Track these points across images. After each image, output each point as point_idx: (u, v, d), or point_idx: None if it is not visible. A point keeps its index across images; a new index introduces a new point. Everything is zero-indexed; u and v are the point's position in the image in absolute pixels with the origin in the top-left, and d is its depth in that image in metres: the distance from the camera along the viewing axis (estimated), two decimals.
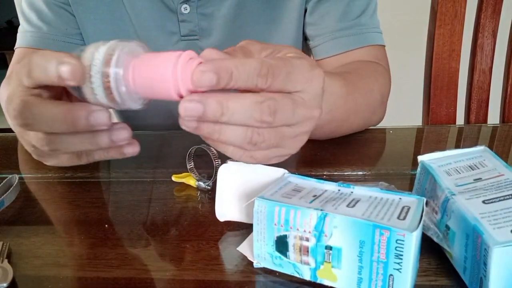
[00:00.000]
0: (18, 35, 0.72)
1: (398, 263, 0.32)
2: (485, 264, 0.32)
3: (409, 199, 0.37)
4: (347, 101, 0.54)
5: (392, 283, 0.33)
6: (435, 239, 0.38)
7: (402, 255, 0.32)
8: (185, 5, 0.69)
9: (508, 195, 0.36)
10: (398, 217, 0.34)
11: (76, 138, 0.36)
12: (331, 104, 0.49)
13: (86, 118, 0.34)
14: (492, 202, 0.35)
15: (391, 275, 0.33)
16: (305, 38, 0.75)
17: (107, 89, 0.34)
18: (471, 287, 0.35)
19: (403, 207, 0.35)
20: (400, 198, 0.37)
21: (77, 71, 0.33)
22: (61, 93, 0.39)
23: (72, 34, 0.72)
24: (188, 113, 0.32)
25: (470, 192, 0.37)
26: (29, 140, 0.38)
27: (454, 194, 0.37)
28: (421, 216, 0.34)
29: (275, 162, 0.39)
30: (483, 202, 0.36)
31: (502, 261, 0.31)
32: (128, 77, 0.34)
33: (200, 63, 0.33)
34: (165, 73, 0.33)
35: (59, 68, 0.33)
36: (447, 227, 0.37)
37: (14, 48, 0.73)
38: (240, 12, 0.70)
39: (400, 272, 0.32)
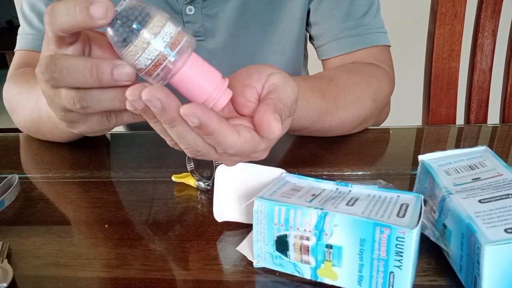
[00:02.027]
0: (19, 37, 0.72)
1: (399, 260, 0.32)
2: (478, 262, 0.32)
3: (407, 197, 0.37)
4: (319, 122, 0.56)
5: (393, 280, 0.33)
6: (431, 238, 0.38)
7: (402, 253, 0.32)
8: (190, 6, 0.69)
9: (505, 194, 0.36)
10: (398, 215, 0.34)
11: (105, 94, 0.36)
12: (305, 118, 0.51)
13: (111, 72, 0.34)
14: (488, 202, 0.35)
15: (391, 272, 0.33)
16: (310, 38, 0.75)
17: (154, 66, 0.33)
18: (467, 286, 0.35)
19: (401, 205, 0.36)
20: (398, 196, 0.37)
21: (110, 11, 0.32)
22: (84, 54, 0.39)
23: None
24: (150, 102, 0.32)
25: (467, 191, 0.37)
26: (60, 102, 0.38)
27: (451, 193, 0.38)
28: (420, 213, 0.34)
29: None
30: (479, 201, 0.36)
31: (495, 260, 0.31)
32: (178, 69, 0.34)
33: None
34: (207, 88, 0.34)
35: (90, 8, 0.32)
36: (444, 226, 0.37)
37: (14, 50, 0.72)
38: (244, 12, 0.70)
39: (401, 269, 0.33)
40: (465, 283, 0.35)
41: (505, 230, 0.32)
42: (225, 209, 0.43)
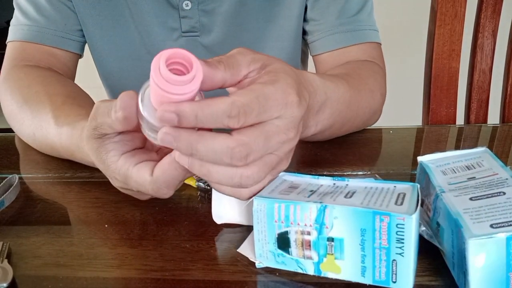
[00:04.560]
0: (12, 28, 0.70)
1: (400, 247, 0.33)
2: (465, 257, 0.32)
3: (404, 186, 0.37)
4: (349, 106, 0.54)
5: (396, 268, 0.33)
6: (425, 236, 0.38)
7: (403, 239, 0.32)
8: (186, 1, 0.69)
9: (496, 192, 0.36)
10: (396, 203, 0.34)
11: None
12: (333, 110, 0.49)
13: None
14: (478, 199, 0.36)
15: (394, 260, 0.33)
16: (304, 33, 0.75)
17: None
18: (459, 282, 0.35)
19: (399, 194, 0.36)
20: (394, 186, 0.38)
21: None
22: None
23: (71, 30, 0.71)
24: (165, 143, 0.33)
25: (460, 189, 0.38)
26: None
27: (443, 192, 0.38)
28: (417, 200, 0.34)
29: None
30: (470, 199, 0.36)
31: (479, 254, 0.31)
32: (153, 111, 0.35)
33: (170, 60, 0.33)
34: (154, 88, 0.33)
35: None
36: (438, 224, 0.38)
37: (7, 41, 0.70)
38: (241, 9, 0.70)
39: (403, 256, 0.33)
40: (457, 280, 0.35)
41: (491, 225, 0.32)
42: (224, 211, 0.43)
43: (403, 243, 0.32)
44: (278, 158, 0.36)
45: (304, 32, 0.74)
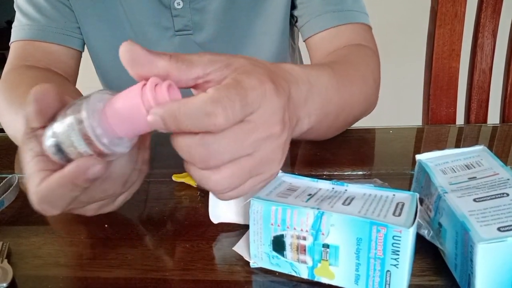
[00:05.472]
0: (14, 30, 0.71)
1: (395, 259, 0.33)
2: (471, 260, 0.32)
3: (403, 195, 0.37)
4: (340, 92, 0.51)
5: (389, 279, 0.33)
6: (427, 237, 0.38)
7: (398, 251, 0.32)
8: (178, 0, 0.70)
9: (500, 193, 0.36)
10: (394, 214, 0.34)
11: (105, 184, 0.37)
12: (322, 98, 0.46)
13: (84, 174, 0.33)
14: (483, 200, 0.36)
15: (388, 271, 0.33)
16: (296, 21, 0.75)
17: (87, 139, 0.33)
18: (461, 284, 0.35)
19: (397, 204, 0.36)
20: (394, 195, 0.38)
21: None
22: None
23: (71, 28, 0.72)
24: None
25: (463, 190, 0.38)
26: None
27: (446, 192, 0.38)
28: (416, 211, 0.34)
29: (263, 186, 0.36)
30: (474, 200, 0.36)
31: (488, 258, 0.32)
32: (102, 118, 0.32)
33: (169, 85, 0.31)
34: (136, 103, 0.31)
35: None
36: (440, 225, 0.38)
37: (10, 43, 0.71)
38: (231, 6, 0.71)
39: (397, 267, 0.33)
40: (460, 281, 0.35)
41: (498, 229, 0.32)
42: (220, 210, 0.43)
43: (398, 254, 0.33)
44: (259, 161, 0.32)
45: (296, 21, 0.74)
